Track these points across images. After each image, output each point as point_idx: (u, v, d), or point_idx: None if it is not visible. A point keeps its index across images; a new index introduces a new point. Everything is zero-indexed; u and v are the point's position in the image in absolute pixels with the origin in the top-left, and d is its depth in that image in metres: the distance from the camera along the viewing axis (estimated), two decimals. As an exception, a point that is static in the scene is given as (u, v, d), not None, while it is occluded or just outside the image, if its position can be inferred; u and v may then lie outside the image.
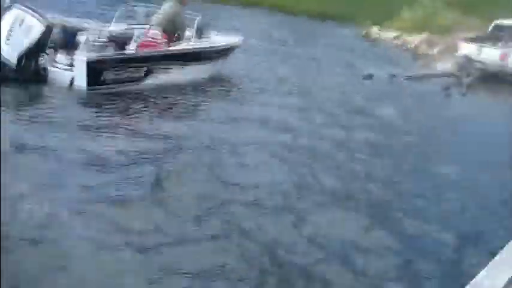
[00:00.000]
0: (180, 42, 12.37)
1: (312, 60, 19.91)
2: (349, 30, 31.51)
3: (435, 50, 24.15)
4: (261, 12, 38.95)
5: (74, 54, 10.96)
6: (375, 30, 30.76)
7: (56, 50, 11.03)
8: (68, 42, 11.23)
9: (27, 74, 10.39)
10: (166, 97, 11.49)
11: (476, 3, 35.08)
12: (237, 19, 25.29)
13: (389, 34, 29.13)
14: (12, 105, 9.45)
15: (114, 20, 12.77)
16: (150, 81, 11.55)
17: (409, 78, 18.29)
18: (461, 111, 14.77)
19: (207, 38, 13.04)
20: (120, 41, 11.23)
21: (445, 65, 21.64)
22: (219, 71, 13.87)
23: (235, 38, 14.20)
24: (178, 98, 11.61)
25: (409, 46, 26.59)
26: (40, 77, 10.60)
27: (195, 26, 12.50)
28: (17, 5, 10.83)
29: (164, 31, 12.12)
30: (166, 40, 12.02)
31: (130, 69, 11.10)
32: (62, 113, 9.67)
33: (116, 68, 10.84)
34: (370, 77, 17.62)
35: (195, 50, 12.47)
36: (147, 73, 11.42)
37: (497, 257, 3.89)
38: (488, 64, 18.78)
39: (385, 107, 13.84)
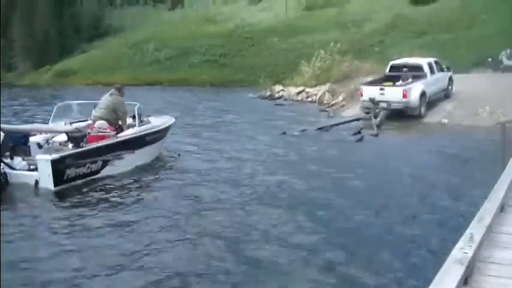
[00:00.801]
0: (125, 130, 12.75)
1: (230, 125, 20.04)
2: (253, 93, 31.83)
3: (340, 98, 24.56)
4: (163, 89, 39.03)
5: (29, 157, 11.45)
6: (278, 88, 31.13)
7: (11, 155, 11.23)
8: (19, 146, 11.67)
9: None
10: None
11: (367, 49, 36.76)
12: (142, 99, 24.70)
13: (292, 90, 29.53)
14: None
15: (51, 118, 13.18)
16: (108, 170, 11.75)
17: (320, 129, 18.35)
18: (371, 152, 14.87)
19: (147, 122, 13.53)
20: (77, 138, 11.68)
21: (352, 111, 22.01)
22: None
23: (171, 118, 14.83)
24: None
25: (313, 98, 26.96)
26: (1, 182, 10.41)
27: (136, 112, 12.96)
28: None
29: (108, 121, 12.56)
30: (112, 130, 12.49)
31: (89, 162, 11.30)
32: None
33: (76, 164, 11.04)
34: (283, 134, 17.62)
35: (141, 135, 12.84)
36: (104, 164, 11.67)
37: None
38: (393, 103, 19.24)
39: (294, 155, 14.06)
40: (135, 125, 12.94)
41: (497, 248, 4.78)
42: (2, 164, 10.67)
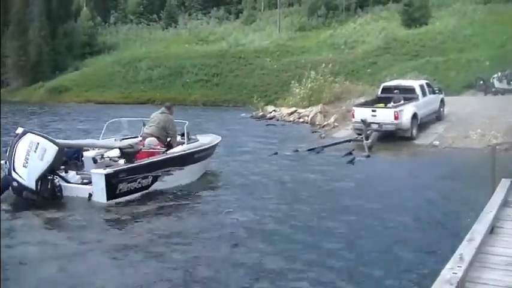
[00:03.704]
0: (174, 147, 13.17)
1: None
2: (245, 112, 31.88)
3: (332, 119, 24.60)
4: (155, 108, 38.93)
5: (83, 171, 12.08)
6: (270, 108, 31.21)
7: (66, 169, 11.74)
8: (72, 160, 12.17)
9: (45, 194, 10.82)
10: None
11: (359, 71, 37.00)
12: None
13: (284, 110, 29.59)
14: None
15: (102, 134, 13.74)
16: (158, 186, 12.10)
17: (311, 150, 18.34)
18: (360, 175, 14.86)
19: (195, 140, 13.87)
20: (129, 154, 11.97)
21: (343, 132, 22.04)
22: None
23: (217, 137, 15.19)
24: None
25: (305, 119, 27.01)
26: (56, 195, 10.97)
27: (185, 130, 13.38)
28: (29, 130, 11.52)
29: (158, 139, 13.10)
30: (162, 147, 12.99)
31: (140, 178, 11.64)
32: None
33: (128, 179, 11.38)
34: (275, 154, 17.59)
35: (190, 152, 13.17)
36: (154, 179, 12.01)
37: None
38: (384, 124, 19.29)
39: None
40: (184, 143, 13.32)
41: (486, 268, 4.77)
42: (57, 177, 11.11)
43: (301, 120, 27.34)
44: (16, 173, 10.78)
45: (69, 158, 12.23)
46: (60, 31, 60.12)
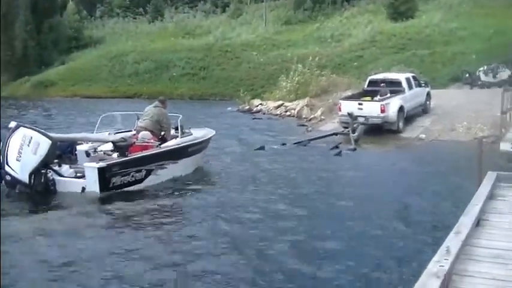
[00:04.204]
0: (168, 140, 13.20)
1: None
2: (232, 106, 31.80)
3: (318, 112, 24.61)
4: (141, 101, 38.84)
5: (77, 165, 12.11)
6: (256, 102, 31.15)
7: (59, 162, 11.79)
8: (65, 154, 12.21)
9: (39, 187, 10.90)
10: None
11: (346, 64, 37.03)
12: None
13: (271, 104, 29.54)
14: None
15: (96, 128, 13.74)
16: (150, 179, 12.15)
17: (299, 143, 18.35)
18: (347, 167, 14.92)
19: (189, 133, 13.89)
20: (123, 148, 11.96)
21: (330, 126, 22.06)
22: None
23: (211, 131, 15.17)
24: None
25: (292, 112, 26.99)
26: (49, 188, 11.08)
27: (179, 124, 13.45)
28: (22, 124, 11.57)
29: (152, 132, 13.13)
30: (156, 140, 13.01)
31: (133, 171, 11.67)
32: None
33: (121, 172, 11.44)
34: (262, 148, 17.56)
35: (184, 146, 13.24)
36: (148, 173, 12.05)
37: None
38: (371, 117, 19.32)
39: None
40: (178, 136, 13.38)
41: (473, 261, 4.77)
42: (50, 171, 11.21)
43: (288, 113, 27.31)
44: (9, 166, 10.86)
45: (63, 151, 12.29)
46: (45, 25, 59.50)
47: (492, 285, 4.29)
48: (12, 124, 11.45)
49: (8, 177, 10.86)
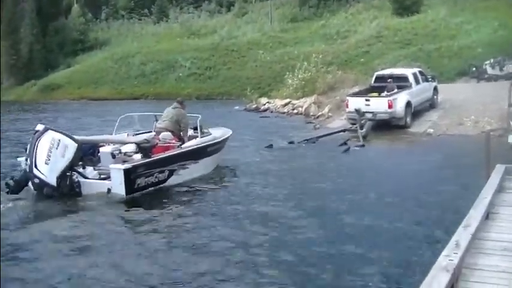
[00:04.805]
0: (186, 141, 13.39)
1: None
2: (239, 105, 31.82)
3: (326, 110, 24.59)
4: (148, 102, 38.98)
5: (99, 166, 12.25)
6: (263, 100, 31.15)
7: (83, 164, 11.91)
8: (86, 156, 12.26)
9: (65, 190, 11.03)
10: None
11: (352, 60, 36.95)
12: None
13: (278, 102, 29.54)
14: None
15: (115, 129, 14.02)
16: (174, 179, 12.35)
17: (307, 141, 18.36)
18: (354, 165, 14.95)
19: (208, 133, 14.12)
20: (146, 149, 12.10)
21: (338, 122, 22.04)
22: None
23: (228, 130, 15.28)
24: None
25: (299, 110, 26.98)
26: (75, 190, 11.20)
27: (198, 124, 13.68)
28: (49, 127, 11.59)
29: (172, 133, 13.30)
30: (177, 141, 13.18)
31: (157, 172, 11.86)
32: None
33: (146, 173, 11.61)
34: (270, 146, 17.58)
35: (204, 145, 13.46)
36: (170, 173, 12.26)
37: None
38: (378, 113, 19.30)
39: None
40: (197, 136, 13.58)
41: (482, 254, 4.78)
42: (75, 173, 11.38)
43: (295, 111, 27.30)
44: (38, 169, 10.90)
45: (85, 153, 12.41)
46: (51, 28, 59.80)
47: (502, 278, 4.29)
48: (40, 127, 11.49)
49: (36, 180, 10.91)
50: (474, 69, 27.90)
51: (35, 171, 10.90)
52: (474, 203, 5.89)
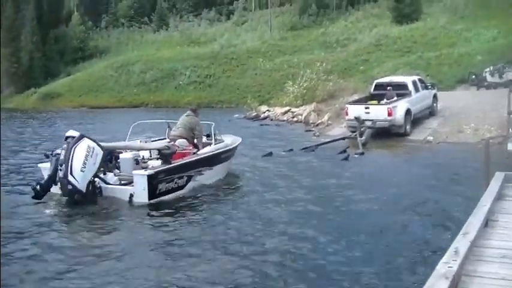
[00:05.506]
0: (200, 148, 13.53)
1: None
2: (239, 113, 31.86)
3: (325, 117, 24.60)
4: (147, 111, 39.03)
5: (119, 172, 12.32)
6: (263, 108, 31.19)
7: (104, 171, 12.00)
8: (105, 162, 12.07)
9: (89, 195, 11.12)
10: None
11: (352, 68, 37.04)
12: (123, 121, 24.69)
13: (278, 110, 29.57)
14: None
15: (128, 136, 14.14)
16: (191, 185, 12.49)
17: (306, 149, 18.34)
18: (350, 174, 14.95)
19: (221, 140, 14.34)
20: (166, 155, 12.28)
21: (337, 130, 22.04)
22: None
23: (238, 138, 15.42)
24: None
25: (299, 118, 27.00)
26: (96, 196, 11.32)
27: (212, 131, 13.90)
28: (84, 135, 11.65)
29: (187, 140, 13.42)
30: (192, 147, 13.37)
31: (176, 178, 12.01)
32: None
33: (167, 179, 11.74)
34: (270, 154, 17.56)
35: (218, 152, 13.62)
36: (188, 179, 12.41)
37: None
38: (378, 121, 19.31)
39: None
40: (211, 143, 13.77)
41: (481, 262, 4.76)
42: (97, 179, 11.48)
43: (295, 119, 27.32)
44: (73, 176, 10.95)
45: (111, 159, 12.61)
46: (51, 37, 60.05)
47: (501, 286, 4.28)
48: (71, 133, 11.53)
49: (69, 187, 10.91)
50: (474, 76, 27.96)
51: (69, 177, 10.92)
52: (473, 211, 5.88)
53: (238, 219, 10.47)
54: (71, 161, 10.99)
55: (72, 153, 11.06)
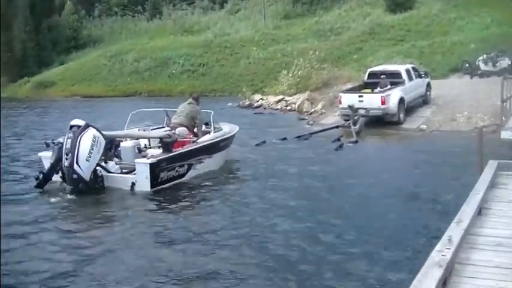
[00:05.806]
0: (199, 136, 13.57)
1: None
2: (232, 102, 31.78)
3: (319, 106, 24.60)
4: (141, 99, 38.87)
5: (120, 161, 12.48)
6: (257, 97, 31.14)
7: (105, 159, 12.05)
8: (106, 150, 12.09)
9: (91, 184, 11.21)
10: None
11: (345, 57, 36.98)
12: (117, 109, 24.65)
13: (271, 99, 29.53)
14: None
15: (126, 124, 14.10)
16: (192, 173, 12.59)
17: (299, 137, 18.34)
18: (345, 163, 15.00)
19: (220, 128, 14.38)
20: (167, 144, 12.30)
21: (331, 119, 22.06)
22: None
23: (235, 126, 15.42)
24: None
25: (293, 106, 26.98)
26: (99, 184, 11.42)
27: (211, 119, 13.98)
28: (90, 124, 11.65)
29: (187, 128, 13.52)
30: (192, 136, 13.44)
31: (177, 166, 12.09)
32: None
33: (168, 167, 11.84)
34: (263, 142, 17.55)
35: (218, 140, 13.70)
36: (189, 167, 12.50)
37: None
38: (372, 110, 19.33)
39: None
40: (210, 132, 13.86)
41: (475, 250, 4.79)
42: (99, 167, 11.52)
43: (289, 108, 27.31)
44: (79, 166, 10.97)
45: (112, 148, 12.69)
46: (44, 26, 59.56)
47: (495, 273, 4.30)
48: (76, 122, 11.49)
49: (75, 176, 10.94)
50: (467, 65, 27.96)
51: (75, 167, 10.92)
52: (467, 199, 5.90)
53: (238, 206, 10.59)
54: (78, 150, 10.98)
55: (78, 142, 11.05)
